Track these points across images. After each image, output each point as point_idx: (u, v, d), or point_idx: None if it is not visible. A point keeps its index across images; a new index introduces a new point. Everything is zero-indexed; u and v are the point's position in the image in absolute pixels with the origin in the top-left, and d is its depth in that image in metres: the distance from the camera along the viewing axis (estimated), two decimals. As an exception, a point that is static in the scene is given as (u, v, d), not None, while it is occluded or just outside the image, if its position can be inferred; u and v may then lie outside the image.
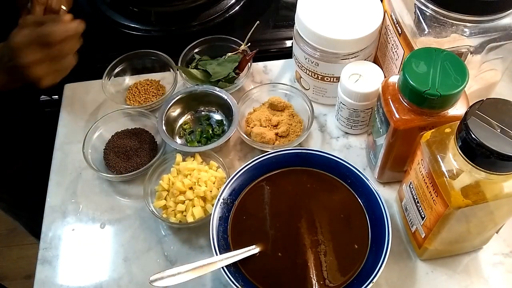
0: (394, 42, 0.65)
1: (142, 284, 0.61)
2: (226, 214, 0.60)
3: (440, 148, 0.49)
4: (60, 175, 0.71)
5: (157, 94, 0.77)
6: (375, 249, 0.56)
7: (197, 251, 0.63)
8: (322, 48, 0.66)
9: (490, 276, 0.59)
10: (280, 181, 0.62)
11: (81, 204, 0.68)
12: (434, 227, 0.52)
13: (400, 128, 0.55)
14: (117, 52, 0.77)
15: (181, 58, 0.76)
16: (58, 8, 0.70)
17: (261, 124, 0.71)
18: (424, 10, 0.58)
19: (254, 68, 0.80)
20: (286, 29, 0.85)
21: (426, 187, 0.51)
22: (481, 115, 0.44)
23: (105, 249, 0.64)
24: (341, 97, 0.67)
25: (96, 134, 0.71)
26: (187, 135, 0.73)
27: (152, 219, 0.65)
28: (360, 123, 0.70)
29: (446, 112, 0.54)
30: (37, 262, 0.63)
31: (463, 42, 0.57)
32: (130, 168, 0.68)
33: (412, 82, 0.51)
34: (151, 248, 0.63)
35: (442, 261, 0.60)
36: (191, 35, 0.79)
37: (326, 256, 0.56)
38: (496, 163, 0.43)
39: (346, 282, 0.54)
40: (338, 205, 0.60)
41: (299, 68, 0.73)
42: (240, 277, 0.54)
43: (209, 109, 0.75)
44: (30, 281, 0.67)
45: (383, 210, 0.57)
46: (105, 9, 0.88)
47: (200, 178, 0.63)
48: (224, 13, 0.87)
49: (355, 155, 0.71)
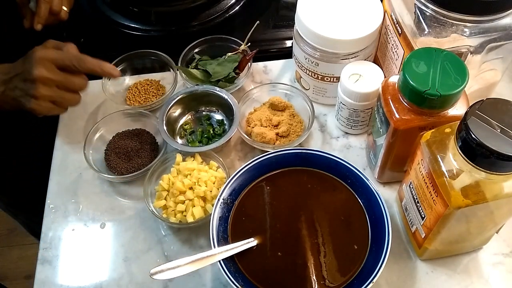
0: (394, 42, 0.65)
1: (142, 284, 0.61)
2: (226, 214, 0.60)
3: (440, 148, 0.49)
4: (60, 175, 0.71)
5: (157, 94, 0.77)
6: (375, 249, 0.56)
7: (197, 251, 0.62)
8: (322, 48, 0.66)
9: (490, 276, 0.59)
10: (280, 181, 0.62)
11: (81, 204, 0.68)
12: (434, 227, 0.52)
13: (400, 128, 0.55)
14: (117, 52, 0.77)
15: (181, 58, 0.76)
16: (59, 9, 0.70)
17: (261, 124, 0.71)
18: (424, 10, 0.58)
19: (254, 68, 0.80)
20: (286, 29, 0.85)
21: (426, 187, 0.51)
22: (481, 115, 0.44)
23: (105, 249, 0.64)
24: (341, 97, 0.67)
25: (97, 135, 0.71)
26: (188, 135, 0.73)
27: (152, 219, 0.65)
28: (360, 123, 0.70)
29: (446, 112, 0.54)
30: (37, 262, 0.63)
31: (463, 42, 0.57)
32: (132, 169, 0.68)
33: (412, 82, 0.51)
34: (151, 248, 0.63)
35: (442, 261, 0.60)
36: (191, 35, 0.79)
37: (326, 256, 0.56)
38: (496, 163, 0.43)
39: (346, 282, 0.54)
40: (338, 205, 0.60)
41: (299, 68, 0.73)
42: (240, 277, 0.54)
43: (209, 109, 0.75)
44: (30, 281, 0.68)
45: (383, 210, 0.56)
46: (105, 9, 0.88)
47: (200, 178, 0.63)
48: (224, 13, 0.87)
49: (355, 155, 0.71)
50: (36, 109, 0.62)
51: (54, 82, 0.61)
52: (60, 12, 0.70)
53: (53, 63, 0.61)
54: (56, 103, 0.63)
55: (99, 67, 0.65)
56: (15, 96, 0.62)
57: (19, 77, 0.61)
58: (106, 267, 0.62)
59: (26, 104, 0.61)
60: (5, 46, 0.77)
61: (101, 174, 0.68)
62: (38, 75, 0.60)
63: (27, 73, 0.60)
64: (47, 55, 0.61)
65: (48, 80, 0.61)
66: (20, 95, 0.62)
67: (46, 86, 0.61)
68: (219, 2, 0.88)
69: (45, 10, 0.68)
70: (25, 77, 0.61)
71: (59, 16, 0.71)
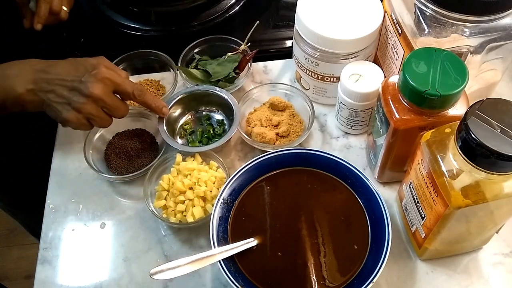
0: (394, 42, 0.65)
1: (142, 284, 0.61)
2: (226, 214, 0.60)
3: (440, 148, 0.49)
4: (60, 175, 0.71)
5: (157, 94, 0.77)
6: (375, 249, 0.56)
7: (197, 251, 0.62)
8: (322, 48, 0.66)
9: (490, 276, 0.59)
10: (280, 181, 0.62)
11: (81, 204, 0.68)
12: (434, 227, 0.52)
13: (400, 128, 0.55)
14: (117, 52, 0.77)
15: (181, 58, 0.76)
16: (59, 9, 0.70)
17: (261, 124, 0.71)
18: (424, 10, 0.58)
19: (254, 68, 0.80)
20: (286, 29, 0.85)
21: (426, 187, 0.51)
22: (481, 115, 0.44)
23: (105, 249, 0.64)
24: (341, 97, 0.67)
25: (97, 135, 0.71)
26: (188, 135, 0.73)
27: (152, 219, 0.65)
28: (360, 123, 0.70)
29: (446, 112, 0.54)
30: (37, 262, 0.63)
31: (463, 42, 0.57)
32: (132, 169, 0.68)
33: (412, 82, 0.51)
34: (151, 248, 0.63)
35: (442, 261, 0.60)
36: (191, 35, 0.79)
37: (326, 256, 0.56)
38: (496, 163, 0.43)
39: (346, 282, 0.54)
40: (338, 205, 0.60)
41: (299, 68, 0.73)
42: (240, 277, 0.54)
43: (209, 109, 0.75)
44: (30, 281, 0.67)
45: (383, 210, 0.57)
46: (105, 9, 0.88)
47: (200, 178, 0.63)
48: (224, 13, 0.87)
49: (355, 155, 0.71)
50: (71, 121, 0.60)
51: (103, 103, 0.60)
52: (60, 12, 0.70)
53: (113, 86, 0.60)
54: (89, 120, 0.61)
55: (154, 104, 0.66)
56: (51, 101, 0.59)
57: (68, 85, 0.59)
58: (106, 267, 0.62)
59: (62, 112, 0.59)
60: (5, 46, 0.77)
61: (101, 174, 0.68)
62: (94, 93, 0.58)
63: (84, 87, 0.58)
64: (112, 77, 0.60)
65: (100, 101, 0.59)
66: (60, 102, 0.59)
67: (94, 104, 0.59)
68: (219, 2, 0.88)
69: (45, 10, 0.68)
70: (80, 88, 0.58)
71: (59, 16, 0.71)
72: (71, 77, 0.59)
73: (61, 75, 0.60)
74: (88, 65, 0.60)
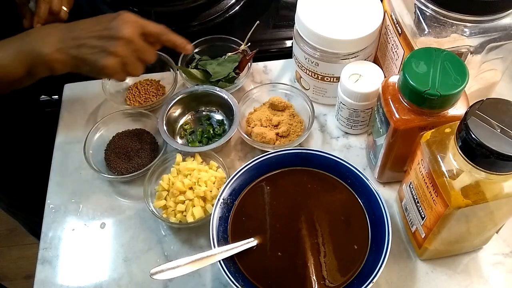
0: (394, 42, 0.65)
1: (142, 284, 0.61)
2: (226, 214, 0.60)
3: (440, 148, 0.49)
4: (60, 175, 0.71)
5: (157, 94, 0.77)
6: (375, 249, 0.56)
7: (197, 251, 0.62)
8: (322, 48, 0.66)
9: (490, 276, 0.59)
10: (280, 181, 0.62)
11: (81, 204, 0.68)
12: (434, 227, 0.52)
13: (400, 128, 0.55)
14: (117, 52, 0.77)
15: (181, 58, 0.76)
16: (58, 9, 0.70)
17: (261, 124, 0.71)
18: (424, 10, 0.58)
19: (254, 68, 0.80)
20: (286, 29, 0.85)
21: (426, 187, 0.51)
22: (481, 115, 0.44)
23: (105, 249, 0.64)
24: (341, 97, 0.67)
25: (97, 135, 0.71)
26: (188, 135, 0.73)
27: (152, 219, 0.65)
28: (360, 123, 0.70)
29: (446, 112, 0.54)
30: (37, 262, 0.63)
31: (463, 42, 0.57)
32: (131, 169, 0.68)
33: (412, 82, 0.51)
34: (151, 248, 0.63)
35: (442, 261, 0.60)
36: (191, 35, 0.79)
37: (326, 256, 0.56)
38: (496, 163, 0.43)
39: (346, 282, 0.54)
40: (338, 206, 0.60)
41: (299, 68, 0.73)
42: (240, 277, 0.54)
43: (209, 109, 0.75)
44: (30, 281, 0.67)
45: (383, 210, 0.56)
46: (105, 9, 0.88)
47: (200, 178, 0.63)
48: (224, 13, 0.87)
49: (355, 155, 0.71)
50: (108, 66, 0.60)
51: (134, 46, 0.61)
52: (59, 12, 0.70)
53: (140, 28, 0.62)
54: (123, 67, 0.62)
55: (179, 40, 0.67)
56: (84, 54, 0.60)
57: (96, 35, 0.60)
58: (106, 267, 0.62)
59: (99, 60, 0.60)
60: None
61: (101, 174, 0.68)
62: (126, 35, 0.60)
63: (114, 32, 0.60)
64: (137, 19, 0.62)
65: (131, 43, 0.61)
66: (94, 52, 0.60)
67: (126, 46, 0.61)
68: (219, 2, 0.88)
69: (44, 10, 0.68)
70: (110, 35, 0.60)
71: (59, 16, 0.70)
72: (97, 28, 0.61)
73: (86, 29, 0.61)
74: (110, 16, 0.62)
